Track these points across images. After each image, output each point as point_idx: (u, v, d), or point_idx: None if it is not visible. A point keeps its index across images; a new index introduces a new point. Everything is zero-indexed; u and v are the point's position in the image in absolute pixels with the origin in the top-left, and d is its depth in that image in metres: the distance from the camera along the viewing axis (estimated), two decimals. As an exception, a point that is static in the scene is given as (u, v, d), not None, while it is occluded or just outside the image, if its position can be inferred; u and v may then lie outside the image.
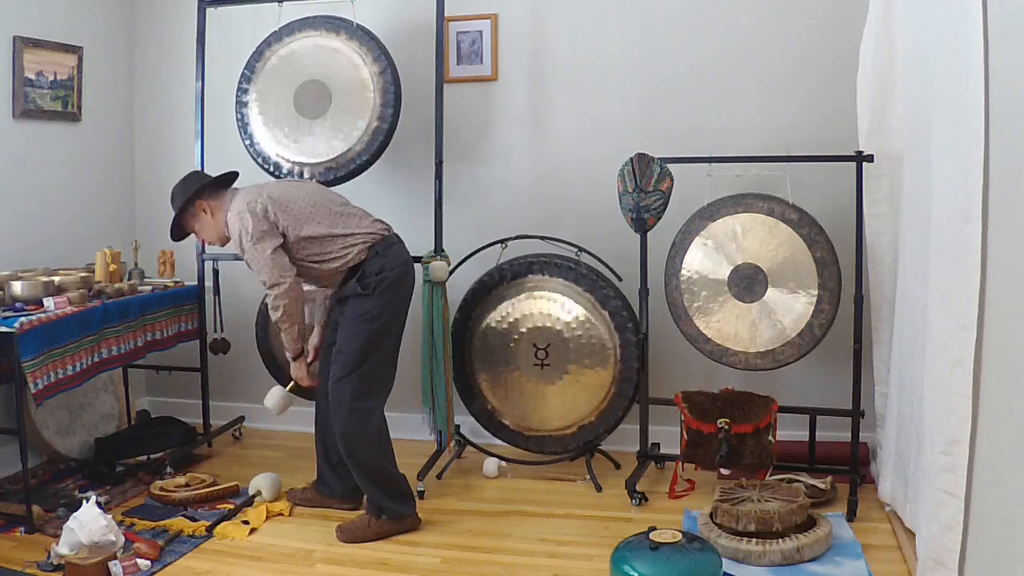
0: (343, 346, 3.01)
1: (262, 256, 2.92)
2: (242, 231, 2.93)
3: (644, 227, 3.35)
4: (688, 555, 2.38)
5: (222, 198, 3.09)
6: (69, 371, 3.15)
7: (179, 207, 3.07)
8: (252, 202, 2.95)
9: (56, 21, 3.92)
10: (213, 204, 3.08)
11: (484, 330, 3.66)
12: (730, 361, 3.37)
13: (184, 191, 3.08)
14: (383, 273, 2.99)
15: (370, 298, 2.98)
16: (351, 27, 3.68)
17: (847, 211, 3.28)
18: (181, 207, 3.07)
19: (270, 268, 2.93)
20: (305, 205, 3.02)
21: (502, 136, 4.01)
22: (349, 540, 2.99)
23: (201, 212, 3.09)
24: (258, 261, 2.93)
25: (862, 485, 3.24)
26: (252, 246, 2.92)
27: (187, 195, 3.06)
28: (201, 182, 3.11)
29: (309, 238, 2.98)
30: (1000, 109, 1.95)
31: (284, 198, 3.00)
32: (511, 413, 3.69)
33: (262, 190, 3.03)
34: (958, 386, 2.12)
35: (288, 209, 2.98)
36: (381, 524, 3.02)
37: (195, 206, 3.08)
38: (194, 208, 3.08)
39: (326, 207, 3.05)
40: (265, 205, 2.95)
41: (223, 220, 3.05)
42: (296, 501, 3.32)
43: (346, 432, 2.99)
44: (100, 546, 2.74)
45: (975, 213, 2.03)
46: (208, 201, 3.08)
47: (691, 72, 3.76)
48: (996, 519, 1.95)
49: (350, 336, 3.00)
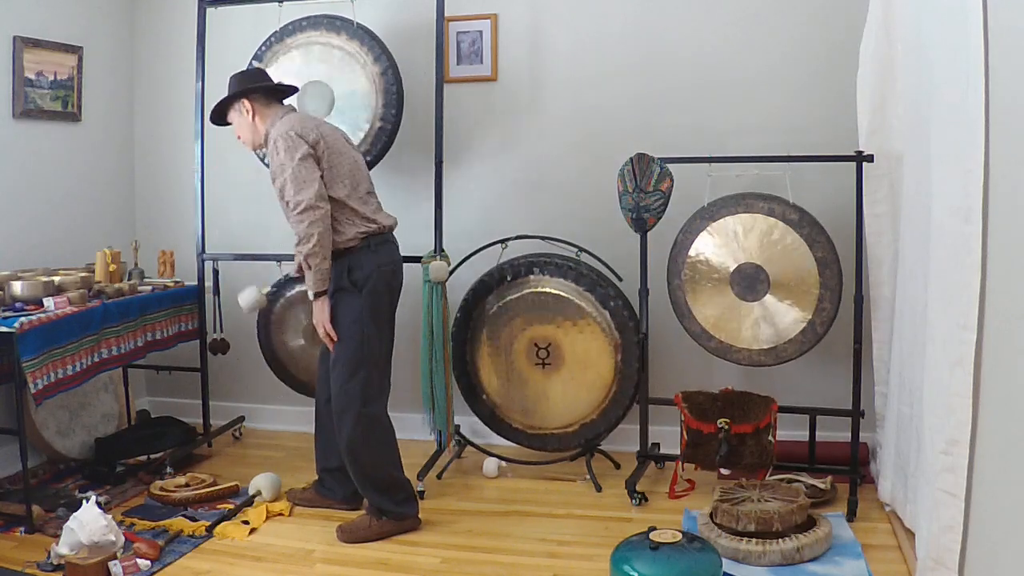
0: (339, 354, 2.99)
1: (305, 174, 2.84)
2: (288, 148, 2.85)
3: (644, 227, 3.35)
4: (688, 555, 2.38)
5: (271, 108, 3.05)
6: (69, 371, 3.15)
7: (227, 97, 3.04)
8: (306, 129, 2.91)
9: (56, 21, 3.92)
10: (259, 108, 3.03)
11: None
12: (734, 358, 3.37)
13: (239, 83, 3.04)
14: (373, 272, 2.96)
15: (359, 297, 2.95)
16: (351, 27, 3.69)
17: (847, 211, 3.28)
18: (228, 98, 3.03)
19: (310, 188, 2.83)
20: (346, 163, 2.97)
21: (502, 136, 4.01)
22: (350, 540, 2.99)
23: (244, 110, 3.03)
24: (300, 179, 2.83)
25: (862, 485, 3.24)
26: (296, 163, 2.83)
27: (239, 88, 3.02)
28: (257, 82, 3.06)
29: (331, 197, 2.91)
30: (1000, 109, 1.95)
31: (334, 145, 2.96)
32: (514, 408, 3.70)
33: (318, 126, 2.98)
34: (958, 386, 2.12)
35: (332, 156, 2.93)
36: (382, 525, 3.02)
37: (241, 102, 3.02)
38: (239, 103, 3.03)
39: (357, 177, 3.01)
40: (317, 139, 2.90)
41: (263, 129, 3.01)
42: (296, 501, 3.32)
43: (352, 440, 2.97)
44: (100, 546, 2.74)
45: (975, 213, 2.03)
46: (256, 103, 3.03)
47: (691, 72, 3.76)
48: (996, 519, 1.95)
49: (344, 342, 2.97)
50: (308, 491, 3.34)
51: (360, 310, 2.95)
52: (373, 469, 3.01)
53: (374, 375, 3.00)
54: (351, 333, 2.96)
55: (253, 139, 3.07)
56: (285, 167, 2.85)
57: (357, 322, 2.95)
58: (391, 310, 3.08)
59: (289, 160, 2.85)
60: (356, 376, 2.96)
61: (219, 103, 3.07)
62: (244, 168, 4.06)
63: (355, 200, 2.96)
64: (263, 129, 3.03)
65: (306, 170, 2.84)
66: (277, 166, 2.88)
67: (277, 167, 2.88)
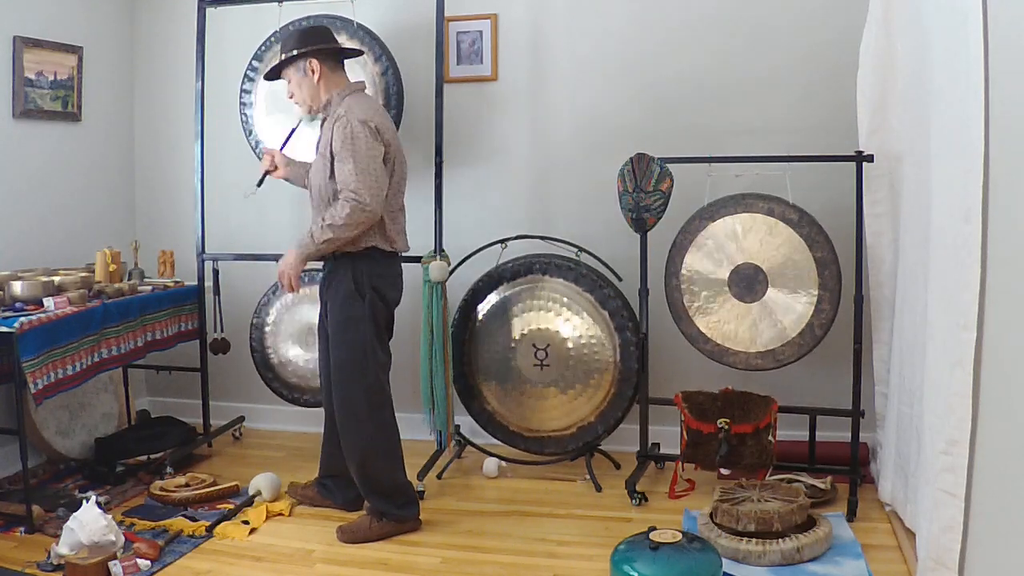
0: (343, 360, 2.95)
1: (378, 174, 2.79)
2: (368, 139, 2.76)
3: (644, 227, 3.35)
4: (688, 555, 2.38)
5: (337, 74, 2.95)
6: (69, 371, 3.15)
7: (293, 52, 2.87)
8: (384, 127, 2.85)
9: (56, 21, 3.92)
10: (327, 72, 2.91)
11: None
12: (730, 361, 3.37)
13: (305, 40, 2.89)
14: (378, 280, 2.95)
15: (363, 304, 2.92)
16: (352, 27, 3.69)
17: (847, 211, 3.28)
18: (295, 54, 2.87)
19: (378, 193, 2.78)
20: (400, 174, 2.96)
21: (502, 136, 4.01)
22: (350, 540, 2.98)
23: (311, 70, 2.89)
24: (370, 176, 2.76)
25: (862, 485, 3.24)
26: (369, 158, 2.76)
27: (307, 45, 2.87)
28: (327, 41, 2.92)
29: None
30: (1000, 109, 1.95)
31: (398, 155, 2.94)
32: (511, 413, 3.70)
33: (390, 126, 2.92)
34: (958, 386, 2.12)
35: (396, 165, 2.90)
36: (382, 526, 3.01)
37: (308, 60, 2.88)
38: (306, 62, 2.88)
39: (400, 189, 3.00)
40: (390, 141, 2.86)
41: (325, 96, 2.90)
42: (297, 497, 3.32)
43: (358, 446, 2.96)
44: (100, 546, 2.74)
45: (975, 213, 2.03)
46: (324, 65, 2.90)
47: (691, 72, 3.76)
48: (996, 519, 1.95)
49: (348, 347, 2.94)
50: (309, 488, 3.34)
51: (364, 315, 2.93)
52: (378, 473, 3.00)
53: (380, 379, 2.99)
54: (355, 338, 2.93)
55: (312, 102, 2.95)
56: (358, 154, 2.75)
57: (362, 327, 2.93)
58: (391, 320, 3.08)
59: (366, 150, 2.76)
60: (361, 382, 2.94)
61: (281, 61, 2.93)
62: (244, 168, 4.06)
63: (387, 214, 2.92)
64: (325, 96, 2.92)
65: (380, 171, 2.80)
66: (346, 148, 2.77)
67: (346, 149, 2.77)
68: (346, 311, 2.94)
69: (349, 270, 2.94)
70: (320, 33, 2.97)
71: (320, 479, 3.32)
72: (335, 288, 2.97)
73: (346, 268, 2.94)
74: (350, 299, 2.94)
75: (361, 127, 2.77)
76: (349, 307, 2.94)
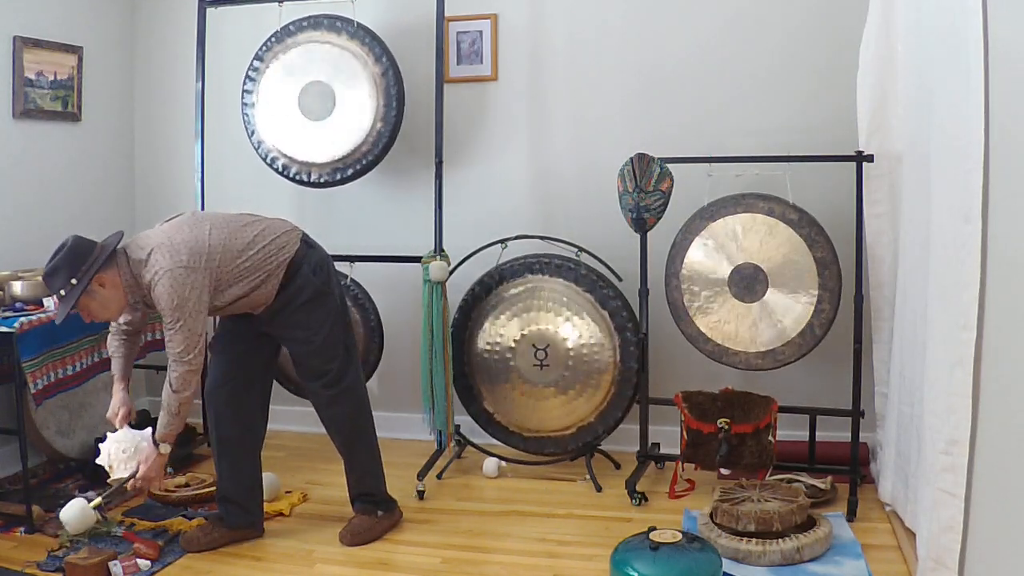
0: (320, 338, 2.84)
1: (198, 324, 2.60)
2: (174, 295, 2.54)
3: (644, 227, 3.35)
4: (688, 555, 2.38)
5: (115, 265, 2.59)
6: (69, 371, 3.15)
7: (77, 287, 2.51)
8: (176, 262, 2.55)
9: (56, 21, 3.91)
10: (110, 275, 2.57)
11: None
12: (730, 361, 3.37)
13: (75, 266, 2.51)
14: (325, 265, 2.91)
15: (330, 293, 2.89)
16: (352, 27, 3.69)
17: (847, 211, 3.28)
18: (78, 287, 2.50)
19: (189, 334, 2.58)
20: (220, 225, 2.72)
21: (502, 136, 4.00)
22: (357, 543, 2.96)
23: (98, 287, 2.56)
24: (184, 328, 2.57)
25: (862, 485, 3.24)
26: (189, 309, 2.56)
27: (80, 268, 2.51)
28: (92, 254, 2.55)
29: (244, 267, 2.69)
30: (1000, 109, 1.95)
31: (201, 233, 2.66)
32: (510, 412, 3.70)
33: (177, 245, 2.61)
34: (958, 386, 2.12)
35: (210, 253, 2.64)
36: (379, 521, 3.02)
37: (92, 283, 2.53)
38: (90, 285, 2.53)
39: (236, 224, 2.76)
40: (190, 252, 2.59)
41: (123, 288, 2.60)
42: (200, 547, 2.91)
43: (355, 418, 2.98)
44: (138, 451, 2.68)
45: (975, 213, 2.03)
46: (104, 273, 2.56)
47: (691, 72, 3.76)
48: (996, 519, 1.95)
49: (325, 335, 2.86)
50: (208, 528, 2.96)
51: (334, 307, 2.91)
52: (374, 443, 3.05)
53: (354, 349, 3.01)
54: (323, 320, 2.86)
55: (118, 306, 2.64)
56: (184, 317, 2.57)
57: (337, 320, 2.91)
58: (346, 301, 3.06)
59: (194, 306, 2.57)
60: (341, 356, 2.93)
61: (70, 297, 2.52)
62: (244, 168, 4.06)
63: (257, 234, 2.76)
64: (128, 289, 2.62)
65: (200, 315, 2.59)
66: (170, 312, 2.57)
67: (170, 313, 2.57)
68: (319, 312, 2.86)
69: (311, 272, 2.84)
70: (81, 250, 2.56)
71: (221, 506, 3.00)
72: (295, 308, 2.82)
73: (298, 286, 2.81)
74: (314, 302, 2.84)
75: (177, 281, 2.54)
76: (318, 308, 2.85)
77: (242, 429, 2.95)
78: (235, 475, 2.96)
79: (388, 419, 4.13)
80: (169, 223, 2.78)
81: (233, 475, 2.96)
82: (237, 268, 2.70)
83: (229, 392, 2.92)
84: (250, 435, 3.00)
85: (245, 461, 2.98)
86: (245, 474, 2.99)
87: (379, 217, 4.08)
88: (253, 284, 2.74)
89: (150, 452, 2.69)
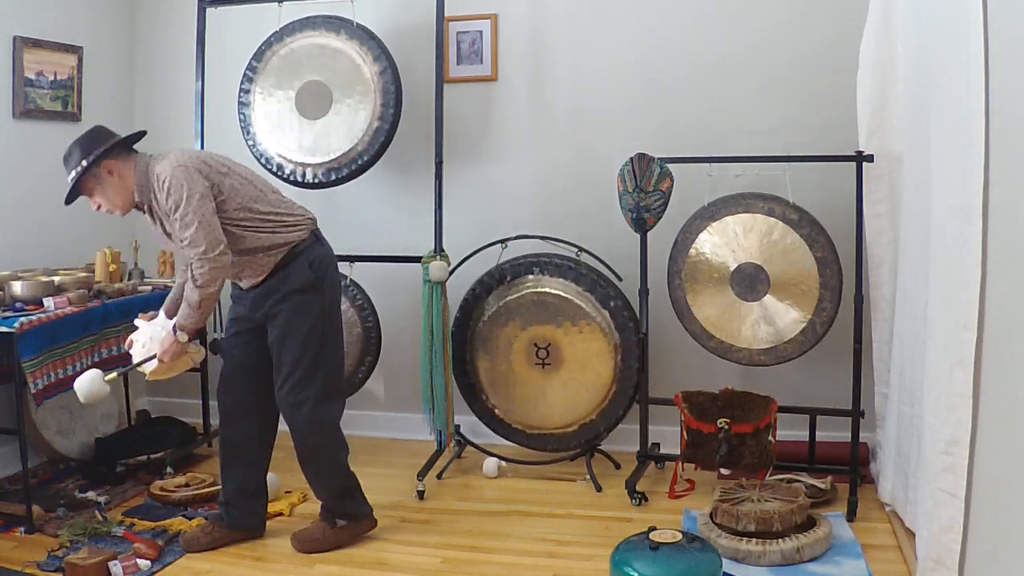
0: (296, 346, 2.79)
1: (202, 215, 2.61)
2: (182, 187, 2.60)
3: (644, 227, 3.35)
4: (688, 555, 2.38)
5: (131, 159, 2.73)
6: (69, 371, 3.15)
7: (84, 167, 2.65)
8: (189, 160, 2.66)
9: (56, 21, 3.92)
10: (121, 165, 2.71)
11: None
12: (734, 357, 3.37)
13: (88, 148, 2.67)
14: (324, 261, 2.85)
15: (319, 296, 2.81)
16: (351, 27, 3.69)
17: (847, 211, 3.28)
18: (86, 167, 2.65)
19: (208, 230, 2.62)
20: (244, 173, 2.80)
21: (502, 136, 4.01)
22: (306, 550, 2.90)
23: (106, 173, 2.69)
24: (196, 221, 2.60)
25: (862, 485, 3.24)
26: (195, 204, 2.60)
27: (93, 153, 2.66)
28: (108, 140, 2.71)
29: (247, 208, 2.73)
30: (1000, 109, 1.95)
31: (223, 161, 2.78)
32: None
33: (195, 153, 2.78)
34: (958, 386, 2.12)
35: (228, 173, 2.74)
36: (337, 532, 2.93)
37: (100, 166, 2.68)
38: (99, 169, 2.68)
39: (263, 182, 2.85)
40: (204, 161, 2.70)
41: (133, 183, 2.71)
42: (201, 547, 2.92)
43: (306, 435, 2.85)
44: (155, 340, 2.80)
45: (975, 213, 2.03)
46: (115, 161, 2.70)
47: (691, 72, 3.76)
48: (996, 519, 1.95)
49: (303, 334, 2.79)
50: (209, 527, 2.97)
51: (320, 309, 2.82)
52: (337, 468, 2.92)
53: (335, 368, 2.90)
54: (309, 326, 2.81)
55: (125, 199, 2.75)
56: (181, 211, 2.62)
57: (319, 322, 2.82)
58: (339, 309, 2.96)
59: (186, 202, 2.61)
60: (317, 372, 2.82)
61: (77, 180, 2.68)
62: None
63: (276, 204, 2.81)
64: (134, 184, 2.72)
65: (201, 208, 2.63)
66: (169, 209, 2.65)
67: (169, 210, 2.66)
68: (301, 309, 2.81)
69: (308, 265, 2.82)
70: (97, 135, 2.74)
71: (225, 508, 3.00)
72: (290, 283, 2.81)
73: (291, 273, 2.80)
74: (301, 297, 2.80)
75: (169, 177, 2.62)
76: (301, 305, 2.80)
77: (250, 430, 2.94)
78: (240, 477, 2.96)
79: (388, 419, 4.15)
80: None
81: (238, 477, 2.95)
82: (240, 215, 2.73)
83: (239, 394, 2.93)
84: (258, 437, 2.97)
85: (251, 463, 2.97)
86: (251, 477, 2.97)
87: (379, 217, 4.08)
88: (250, 244, 2.75)
89: (167, 339, 2.77)
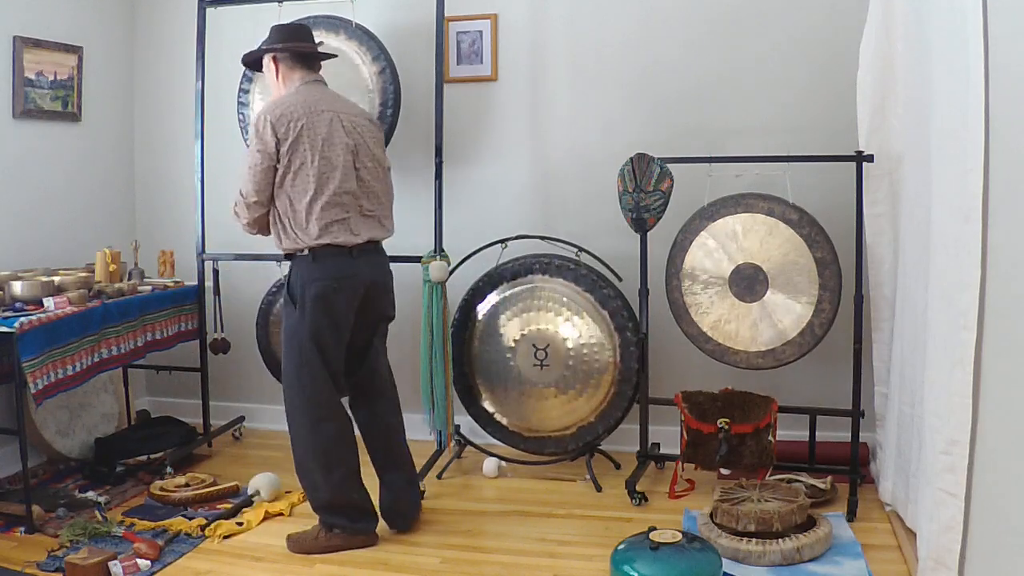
0: (284, 371, 2.89)
1: (252, 163, 2.75)
2: (254, 132, 2.76)
3: (644, 227, 3.35)
4: (688, 555, 2.38)
5: (296, 72, 2.92)
6: (69, 371, 3.15)
7: (265, 47, 2.94)
8: (287, 113, 2.74)
9: (56, 21, 3.92)
10: (285, 71, 2.93)
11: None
12: (732, 360, 3.37)
13: (277, 38, 2.94)
14: (315, 286, 2.79)
15: (293, 311, 2.82)
16: (350, 27, 3.69)
17: (847, 211, 3.28)
18: (265, 49, 2.94)
19: (249, 178, 2.76)
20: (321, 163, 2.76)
21: (502, 136, 4.01)
22: (297, 551, 2.89)
23: (272, 64, 2.94)
24: (247, 165, 2.77)
25: (862, 485, 3.24)
26: (251, 152, 2.76)
27: (271, 44, 2.92)
28: (293, 41, 2.92)
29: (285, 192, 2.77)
30: (1000, 109, 1.95)
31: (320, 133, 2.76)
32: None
33: (289, 108, 2.76)
34: (958, 386, 2.12)
35: (308, 148, 2.74)
36: (330, 538, 2.90)
37: (271, 56, 2.93)
38: (269, 58, 2.94)
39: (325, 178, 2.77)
40: (293, 123, 2.73)
41: (279, 94, 2.92)
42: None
43: (302, 461, 2.88)
44: None
45: (975, 213, 2.04)
46: (282, 64, 2.93)
47: (691, 72, 3.76)
48: (996, 519, 1.95)
49: (286, 359, 2.87)
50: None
51: (300, 325, 2.81)
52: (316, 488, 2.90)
53: (321, 393, 2.84)
54: (292, 349, 2.84)
55: (272, 96, 2.98)
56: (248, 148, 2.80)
57: (296, 339, 2.82)
58: (332, 326, 2.83)
59: (249, 144, 2.79)
60: (301, 395, 2.84)
61: (254, 54, 3.00)
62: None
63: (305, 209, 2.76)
64: (281, 93, 2.93)
65: (253, 160, 2.75)
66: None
67: None
68: (287, 320, 2.87)
69: (289, 276, 2.87)
70: (288, 32, 2.98)
71: None
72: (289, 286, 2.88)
73: (290, 274, 2.87)
74: (287, 307, 2.86)
75: (256, 115, 2.80)
76: (287, 316, 2.87)
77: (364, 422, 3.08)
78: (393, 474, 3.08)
79: (388, 419, 4.14)
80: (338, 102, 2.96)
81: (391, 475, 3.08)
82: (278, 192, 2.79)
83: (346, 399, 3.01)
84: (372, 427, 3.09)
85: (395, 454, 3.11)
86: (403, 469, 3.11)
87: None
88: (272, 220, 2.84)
89: None
